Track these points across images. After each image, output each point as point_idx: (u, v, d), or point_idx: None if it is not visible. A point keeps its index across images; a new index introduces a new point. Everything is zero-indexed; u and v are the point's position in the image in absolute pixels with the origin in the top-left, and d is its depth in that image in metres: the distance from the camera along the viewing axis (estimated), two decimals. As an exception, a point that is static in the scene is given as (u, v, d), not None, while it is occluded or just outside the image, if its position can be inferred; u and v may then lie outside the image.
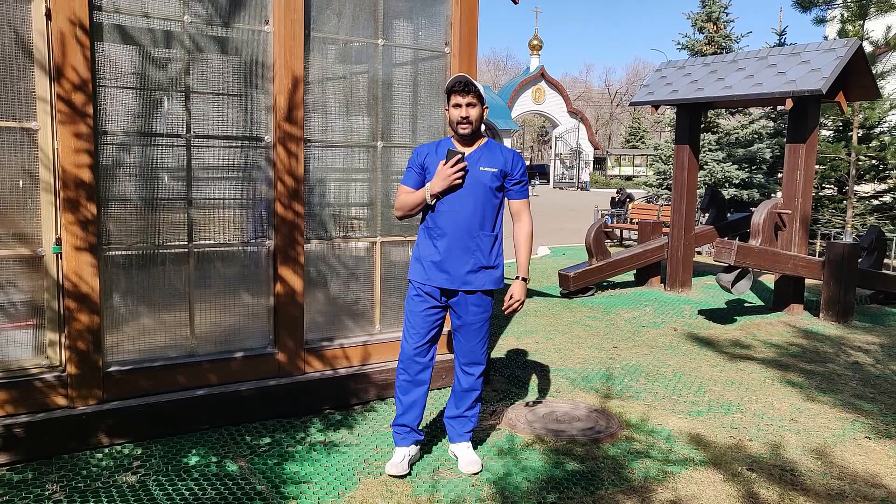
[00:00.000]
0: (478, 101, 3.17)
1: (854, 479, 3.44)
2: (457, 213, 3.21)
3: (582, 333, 6.24)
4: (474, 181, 3.21)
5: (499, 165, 3.24)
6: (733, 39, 15.03)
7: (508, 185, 3.30)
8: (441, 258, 3.23)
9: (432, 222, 3.27)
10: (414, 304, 3.32)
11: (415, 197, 3.27)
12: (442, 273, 3.24)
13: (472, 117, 3.17)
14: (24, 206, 3.37)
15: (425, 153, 3.29)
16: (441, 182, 3.17)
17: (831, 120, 12.25)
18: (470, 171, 3.20)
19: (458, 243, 3.21)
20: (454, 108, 3.19)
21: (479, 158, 3.24)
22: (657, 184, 15.45)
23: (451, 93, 3.18)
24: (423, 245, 3.31)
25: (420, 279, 3.30)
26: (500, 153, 3.28)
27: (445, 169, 3.16)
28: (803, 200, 7.04)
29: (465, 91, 3.14)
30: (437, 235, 3.25)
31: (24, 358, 3.44)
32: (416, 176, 3.29)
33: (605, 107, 65.53)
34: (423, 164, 3.28)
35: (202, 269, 3.88)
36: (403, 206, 3.32)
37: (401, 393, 3.37)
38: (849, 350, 5.84)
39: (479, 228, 3.23)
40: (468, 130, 3.19)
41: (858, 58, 6.79)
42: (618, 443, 3.77)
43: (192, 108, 3.72)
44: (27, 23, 3.27)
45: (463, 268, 3.23)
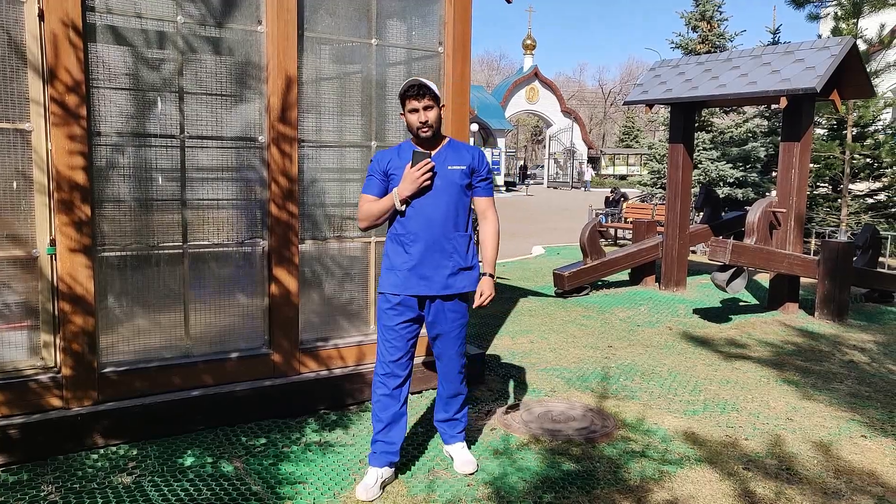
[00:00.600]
0: (434, 102, 3.07)
1: (851, 477, 3.45)
2: (429, 215, 3.09)
3: (577, 333, 6.25)
4: (445, 181, 3.11)
5: (466, 163, 3.16)
6: (727, 38, 15.06)
7: (475, 181, 3.21)
8: (417, 264, 3.10)
9: (402, 228, 3.14)
10: (388, 318, 3.16)
11: (381, 205, 3.12)
12: (421, 280, 3.12)
13: (430, 120, 3.06)
14: (19, 208, 3.35)
15: (387, 159, 3.16)
16: (410, 185, 3.05)
17: (825, 118, 12.29)
18: (438, 171, 3.11)
19: (435, 246, 3.11)
20: (411, 114, 3.07)
21: (445, 158, 3.15)
22: (651, 183, 15.48)
23: (406, 98, 3.06)
24: (394, 253, 3.17)
25: (395, 290, 3.14)
26: (466, 151, 3.21)
27: (413, 172, 3.05)
28: (798, 199, 7.06)
29: (420, 95, 3.03)
30: (409, 241, 3.12)
31: (18, 359, 3.42)
32: (380, 183, 3.15)
33: (599, 106, 65.63)
34: (386, 170, 3.15)
35: (197, 270, 3.87)
36: (369, 216, 3.15)
37: (379, 410, 3.21)
38: (844, 348, 5.86)
39: (454, 229, 3.14)
40: (429, 134, 3.09)
41: (852, 56, 6.81)
42: (614, 442, 3.77)
43: (186, 109, 3.71)
44: (20, 24, 3.25)
45: (443, 271, 3.13)
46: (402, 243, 3.14)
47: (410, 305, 3.15)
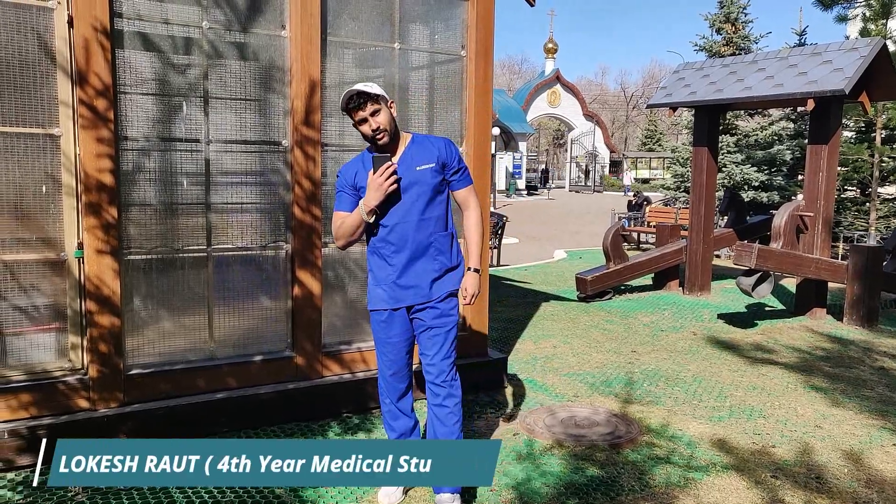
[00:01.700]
0: (379, 104, 2.82)
1: (882, 486, 3.37)
2: (406, 222, 2.89)
3: (600, 337, 6.20)
4: (416, 183, 2.89)
5: (434, 158, 2.92)
6: (752, 40, 14.88)
7: (448, 175, 2.97)
8: (402, 274, 2.93)
9: (381, 241, 2.95)
10: (382, 332, 3.01)
11: (352, 220, 2.89)
12: (407, 290, 2.94)
13: (382, 125, 2.82)
14: (48, 211, 3.41)
15: (353, 171, 2.95)
16: (375, 194, 2.81)
17: (853, 120, 12.09)
18: (406, 174, 2.88)
19: (418, 252, 2.92)
20: (361, 125, 2.84)
21: (412, 158, 2.91)
22: (674, 187, 15.33)
23: (349, 112, 2.84)
24: (378, 267, 2.99)
25: (385, 304, 2.97)
26: (432, 145, 2.96)
27: (376, 178, 2.81)
28: (825, 203, 6.94)
29: (361, 104, 2.79)
30: (390, 252, 2.93)
31: (46, 361, 3.48)
32: (350, 198, 2.94)
33: (621, 109, 65.24)
34: (354, 183, 2.93)
35: (221, 273, 3.90)
36: (344, 234, 2.93)
37: (390, 419, 3.13)
38: (874, 355, 5.74)
39: (434, 231, 2.94)
40: (385, 139, 2.85)
41: (882, 57, 6.69)
42: (638, 448, 3.73)
43: (211, 113, 3.75)
44: (50, 30, 3.31)
45: (429, 276, 2.95)
46: (382, 256, 2.96)
47: (402, 317, 2.99)
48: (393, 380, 3.06)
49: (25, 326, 3.45)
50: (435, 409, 3.01)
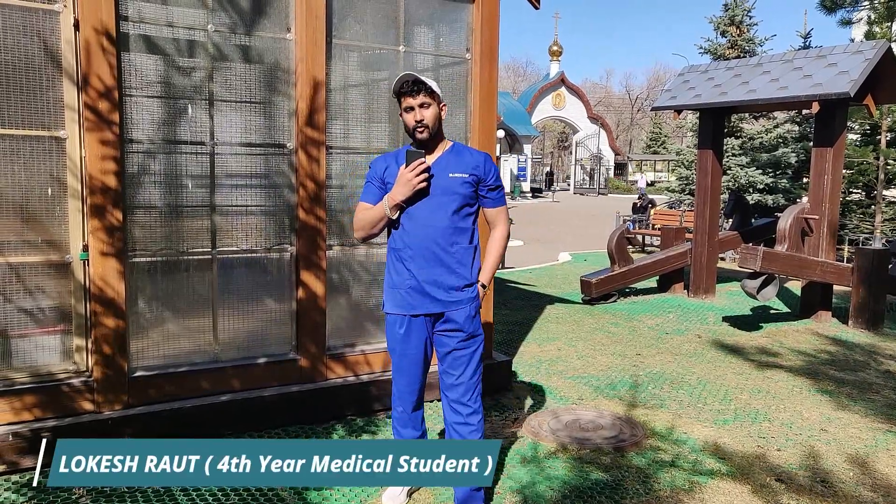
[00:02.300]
0: (432, 99, 2.75)
1: (888, 490, 3.35)
2: (428, 227, 2.78)
3: (604, 340, 6.18)
4: (445, 190, 2.79)
5: (469, 170, 2.82)
6: (757, 43, 14.87)
7: (482, 192, 2.87)
8: (419, 281, 2.81)
9: (400, 241, 2.84)
10: (397, 342, 2.90)
11: (374, 212, 2.82)
12: (424, 298, 2.82)
13: (427, 119, 2.74)
14: (53, 213, 3.42)
15: (384, 166, 2.88)
16: (403, 189, 2.73)
17: (858, 123, 12.06)
18: (438, 179, 2.78)
19: (438, 261, 2.80)
20: (406, 113, 2.76)
21: (446, 164, 2.82)
22: (679, 189, 15.31)
23: (400, 96, 2.76)
24: (395, 270, 2.88)
25: (401, 310, 2.86)
26: (470, 156, 2.87)
27: (406, 173, 2.73)
28: (831, 205, 6.92)
29: (415, 91, 2.72)
30: (407, 256, 2.82)
31: (51, 363, 3.48)
32: (377, 190, 2.86)
33: (626, 112, 65.18)
34: (383, 177, 2.86)
35: (225, 276, 3.90)
36: (364, 225, 2.85)
37: (399, 425, 3.04)
38: (880, 358, 5.71)
39: (457, 242, 2.82)
40: (425, 135, 2.76)
41: (887, 60, 6.67)
42: (643, 452, 3.72)
43: (216, 116, 3.75)
44: (56, 33, 3.33)
45: (447, 288, 2.82)
46: (401, 259, 2.84)
47: (419, 326, 2.86)
48: (407, 391, 2.96)
49: (30, 328, 3.46)
50: (458, 426, 2.91)
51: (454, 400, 2.90)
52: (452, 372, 2.89)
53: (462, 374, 2.88)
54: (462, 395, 2.89)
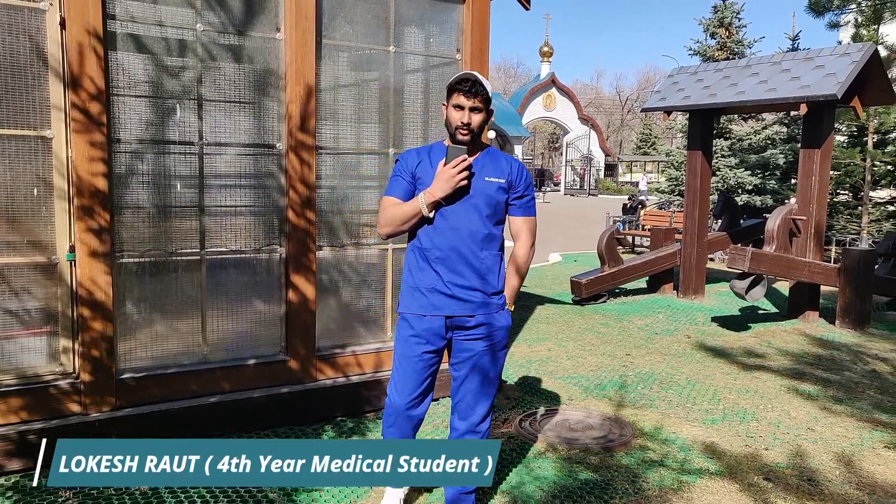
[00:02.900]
0: (483, 106, 2.68)
1: (874, 488, 3.38)
2: (461, 229, 2.68)
3: (594, 340, 6.20)
4: (480, 193, 2.71)
5: (505, 175, 2.76)
6: (746, 45, 14.96)
7: (511, 198, 2.78)
8: (446, 283, 2.69)
9: (428, 241, 2.72)
10: (409, 346, 2.74)
11: (407, 208, 2.69)
12: (450, 300, 2.70)
13: (473, 124, 2.66)
14: (39, 214, 3.39)
15: (416, 161, 2.75)
16: (444, 185, 2.63)
17: (846, 125, 12.15)
18: (475, 181, 2.71)
19: (465, 265, 2.69)
20: (455, 110, 2.66)
21: (483, 167, 2.74)
22: (669, 190, 15.37)
23: (455, 91, 2.65)
24: (418, 270, 2.75)
25: (421, 310, 2.72)
26: (506, 162, 2.80)
27: (448, 169, 2.63)
28: (818, 206, 6.98)
29: (472, 93, 2.63)
30: (435, 258, 2.70)
31: (38, 365, 3.45)
32: (407, 185, 2.74)
33: (616, 113, 65.40)
34: (415, 172, 2.74)
35: (214, 277, 3.88)
36: (393, 221, 2.71)
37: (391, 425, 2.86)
38: (866, 358, 5.76)
39: (486, 248, 2.73)
40: (467, 138, 2.67)
41: (874, 62, 6.73)
42: (632, 451, 3.73)
43: (205, 116, 3.74)
44: (42, 32, 3.30)
45: (474, 293, 2.71)
46: (427, 259, 2.72)
47: (436, 331, 2.73)
48: (408, 406, 2.76)
49: (16, 330, 3.43)
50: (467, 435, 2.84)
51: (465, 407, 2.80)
52: (469, 377, 2.77)
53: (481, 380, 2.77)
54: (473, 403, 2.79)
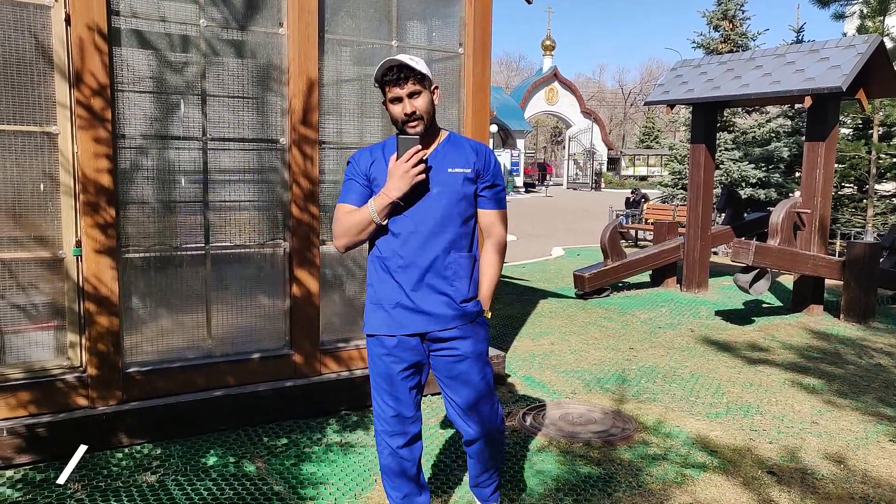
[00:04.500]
0: (422, 86, 2.34)
1: (878, 483, 3.39)
2: (423, 232, 2.38)
3: (597, 335, 6.21)
4: (443, 187, 2.40)
5: (470, 164, 2.44)
6: (750, 37, 14.88)
7: (479, 188, 2.47)
8: (410, 296, 2.40)
9: (387, 249, 2.41)
10: (383, 365, 2.45)
11: (360, 216, 2.37)
12: (416, 315, 2.41)
13: (420, 110, 2.34)
14: (45, 210, 3.41)
15: (369, 160, 2.44)
16: (398, 183, 2.31)
17: (851, 117, 12.10)
18: (435, 175, 2.39)
19: (432, 272, 2.40)
20: (393, 105, 2.36)
21: (444, 157, 2.42)
22: (672, 184, 15.34)
23: (384, 85, 2.36)
24: (380, 282, 2.44)
25: (387, 330, 2.42)
26: (470, 149, 2.47)
27: (400, 164, 2.31)
28: (823, 199, 6.96)
29: (402, 78, 2.31)
30: (396, 267, 2.40)
31: (45, 359, 3.48)
32: (361, 189, 2.43)
33: (619, 107, 65.23)
34: (369, 173, 2.43)
35: (219, 271, 3.90)
36: (348, 231, 2.39)
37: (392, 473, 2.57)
38: (871, 352, 5.76)
39: (456, 249, 2.43)
40: (420, 128, 2.35)
41: (879, 54, 6.70)
42: (634, 445, 3.74)
43: (209, 112, 3.75)
44: (47, 28, 3.31)
45: (444, 303, 2.42)
46: (388, 269, 2.42)
47: (410, 346, 2.44)
48: (396, 423, 2.50)
49: (24, 325, 3.45)
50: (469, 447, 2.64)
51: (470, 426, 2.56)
52: (454, 396, 2.52)
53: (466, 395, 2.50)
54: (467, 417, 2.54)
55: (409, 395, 2.49)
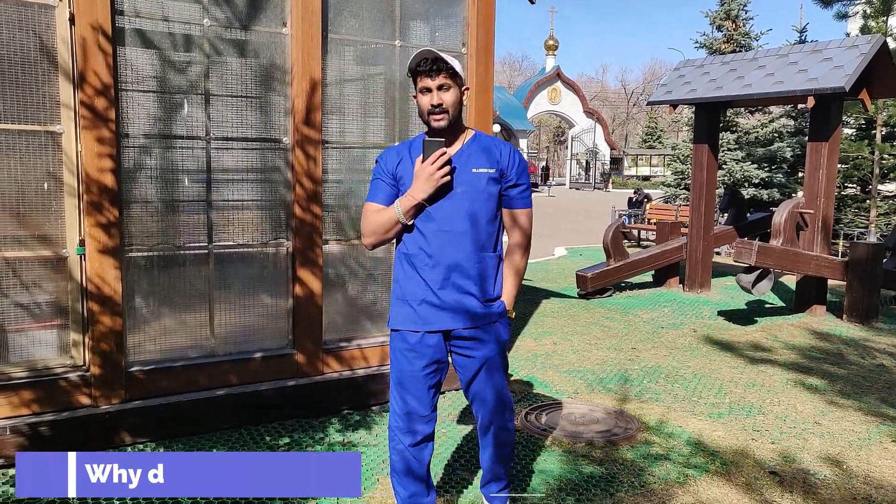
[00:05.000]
0: (454, 82, 2.40)
1: (881, 483, 3.39)
2: (450, 231, 2.43)
3: (600, 334, 6.21)
4: (468, 187, 2.44)
5: (495, 164, 2.48)
6: (753, 37, 14.86)
7: (504, 188, 2.51)
8: (437, 293, 2.45)
9: (414, 247, 2.47)
10: (406, 362, 2.49)
11: (388, 216, 2.44)
12: (443, 312, 2.46)
13: (447, 103, 2.38)
14: (49, 209, 3.42)
15: (396, 160, 2.49)
16: (425, 185, 2.37)
17: (854, 118, 12.08)
18: (460, 174, 2.43)
19: (458, 272, 2.44)
20: (422, 95, 2.41)
21: (469, 157, 2.46)
22: (675, 184, 15.33)
23: (417, 75, 2.41)
24: (406, 280, 2.49)
25: (413, 326, 2.47)
26: (495, 148, 2.51)
27: (426, 166, 2.37)
28: (826, 200, 6.95)
29: (434, 70, 2.37)
30: (423, 264, 2.45)
31: (48, 358, 3.49)
32: (388, 188, 2.49)
33: (622, 107, 65.18)
34: (395, 172, 2.49)
35: (222, 270, 3.91)
36: (375, 230, 2.47)
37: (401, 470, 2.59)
38: (873, 352, 5.75)
39: (482, 249, 2.47)
40: (444, 122, 2.40)
41: (882, 54, 6.69)
42: (636, 445, 3.74)
43: (212, 111, 3.75)
44: (51, 28, 3.32)
45: (470, 301, 2.47)
46: (415, 266, 2.47)
47: (434, 344, 2.49)
48: (411, 421, 2.53)
49: (27, 323, 3.46)
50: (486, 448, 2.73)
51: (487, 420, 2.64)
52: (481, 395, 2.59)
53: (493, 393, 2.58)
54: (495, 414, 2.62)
55: (426, 394, 2.52)
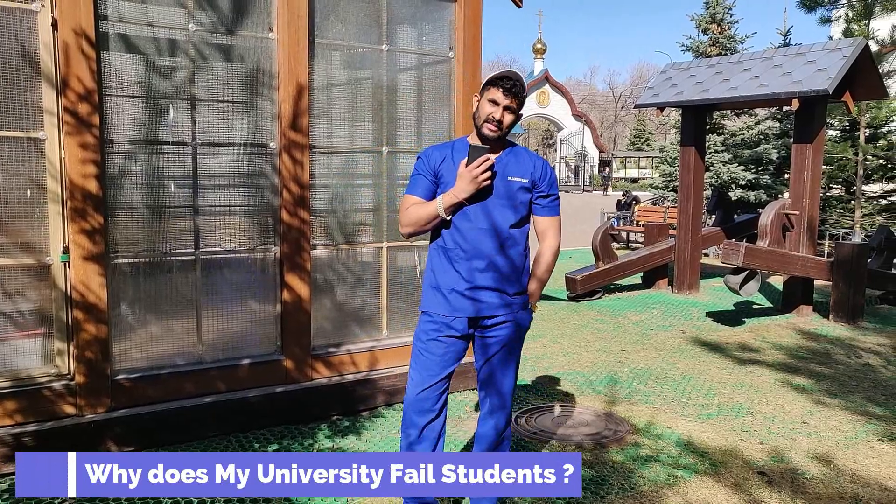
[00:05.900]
0: (517, 107, 2.66)
1: (867, 482, 3.41)
2: (484, 229, 2.65)
3: (589, 337, 6.22)
4: (503, 193, 2.67)
5: (528, 174, 2.71)
6: (738, 40, 15.00)
7: (535, 198, 2.74)
8: (468, 286, 2.66)
9: (451, 241, 2.68)
10: (432, 345, 2.70)
11: (429, 209, 2.66)
12: (471, 302, 2.68)
13: (505, 123, 2.63)
14: (32, 216, 3.38)
15: (440, 158, 2.71)
16: (467, 185, 2.58)
17: (838, 120, 12.21)
18: (498, 181, 2.66)
19: (488, 265, 2.66)
20: (489, 104, 2.62)
21: (506, 166, 2.69)
22: (663, 186, 15.41)
23: (494, 86, 2.62)
24: (441, 270, 2.71)
25: (443, 311, 2.69)
26: (529, 160, 2.75)
27: (471, 169, 2.58)
28: (811, 201, 7.01)
29: (511, 92, 2.61)
30: (458, 258, 2.67)
31: (32, 367, 3.45)
32: (428, 184, 2.71)
33: (610, 109, 65.48)
34: (438, 171, 2.71)
35: (209, 277, 3.88)
36: (416, 221, 2.69)
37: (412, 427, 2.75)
38: (859, 352, 5.80)
39: (510, 248, 2.69)
40: (495, 134, 2.64)
41: (864, 57, 6.76)
42: (626, 447, 3.74)
43: (198, 117, 3.73)
44: (34, 33, 3.29)
45: (496, 295, 2.69)
46: (450, 259, 2.69)
47: (459, 329, 2.70)
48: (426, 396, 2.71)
49: (10, 332, 3.42)
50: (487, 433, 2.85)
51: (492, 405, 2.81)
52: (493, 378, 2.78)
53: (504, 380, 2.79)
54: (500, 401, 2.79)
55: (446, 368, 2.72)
